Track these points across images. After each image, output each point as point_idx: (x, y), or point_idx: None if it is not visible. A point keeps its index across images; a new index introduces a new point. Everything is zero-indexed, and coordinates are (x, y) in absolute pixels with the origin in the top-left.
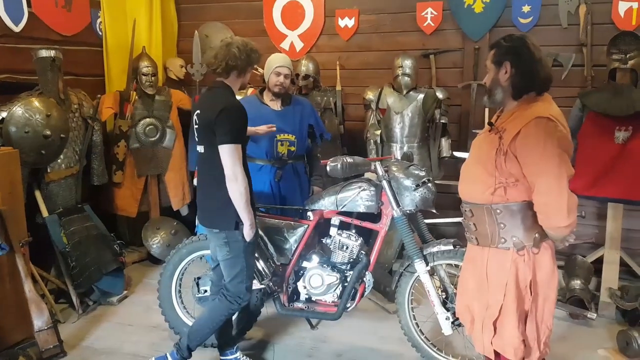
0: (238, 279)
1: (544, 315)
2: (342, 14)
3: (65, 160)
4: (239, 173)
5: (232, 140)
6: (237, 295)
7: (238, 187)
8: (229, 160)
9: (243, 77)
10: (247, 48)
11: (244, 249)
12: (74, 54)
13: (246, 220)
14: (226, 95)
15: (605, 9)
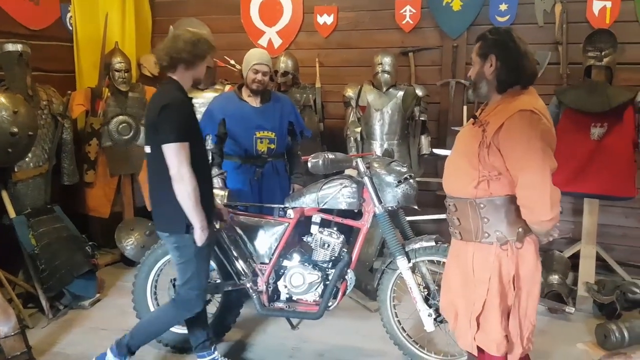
0: (188, 285)
1: (527, 311)
2: (321, 10)
3: (34, 159)
4: (185, 173)
5: (176, 139)
6: (187, 301)
7: (185, 187)
8: (174, 160)
9: (193, 70)
10: (193, 40)
11: (195, 254)
12: (42, 49)
13: (196, 223)
14: (170, 91)
15: (580, 7)
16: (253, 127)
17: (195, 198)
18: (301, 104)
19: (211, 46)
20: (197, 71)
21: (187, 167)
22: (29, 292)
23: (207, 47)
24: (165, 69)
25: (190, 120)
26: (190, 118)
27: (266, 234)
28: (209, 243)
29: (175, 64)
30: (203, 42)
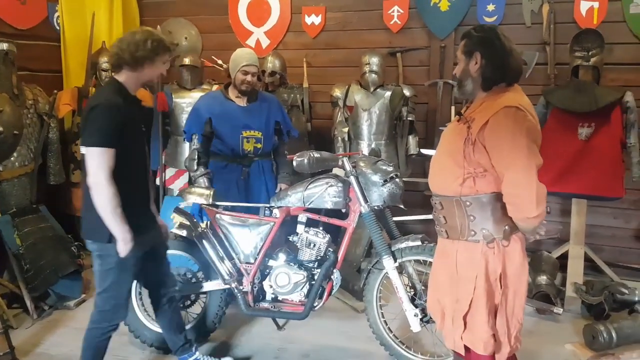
0: (107, 294)
1: (514, 309)
2: (309, 11)
3: (19, 158)
4: (102, 181)
5: (97, 143)
6: (105, 312)
7: (99, 196)
8: (92, 166)
9: (139, 72)
10: (139, 40)
11: (116, 265)
12: (29, 48)
13: (116, 235)
14: (105, 93)
15: (567, 8)
16: (239, 127)
17: (112, 208)
18: (289, 104)
19: (165, 48)
20: (145, 74)
21: (105, 174)
22: (14, 293)
23: (155, 50)
24: (112, 67)
25: (121, 126)
26: (122, 123)
27: (252, 233)
28: (135, 256)
29: (119, 64)
30: (152, 43)
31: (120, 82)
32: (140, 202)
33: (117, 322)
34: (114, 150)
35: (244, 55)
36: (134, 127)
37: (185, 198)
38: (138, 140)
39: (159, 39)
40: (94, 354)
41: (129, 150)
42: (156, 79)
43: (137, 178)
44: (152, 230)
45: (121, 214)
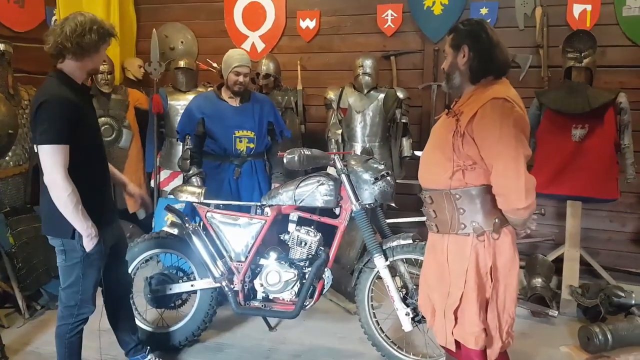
0: (72, 289)
1: (506, 303)
2: (304, 15)
3: (14, 157)
4: (59, 179)
5: (50, 140)
6: (71, 307)
7: (58, 195)
8: (46, 163)
9: (84, 61)
10: (81, 27)
11: (82, 259)
12: (26, 50)
13: (82, 231)
14: (51, 86)
15: (560, 11)
16: (232, 126)
17: (74, 206)
18: (283, 106)
19: (107, 33)
20: (89, 62)
21: (61, 172)
22: (6, 292)
23: (101, 36)
24: (52, 57)
25: (73, 121)
26: (74, 118)
27: (243, 231)
28: (100, 250)
29: (62, 53)
30: (95, 29)
31: (66, 72)
32: (102, 195)
33: (84, 316)
34: (68, 146)
35: (235, 57)
36: (87, 118)
37: (177, 196)
38: (92, 130)
39: (102, 24)
40: (68, 352)
41: (84, 143)
42: (99, 66)
43: (96, 171)
44: (115, 223)
45: (83, 210)
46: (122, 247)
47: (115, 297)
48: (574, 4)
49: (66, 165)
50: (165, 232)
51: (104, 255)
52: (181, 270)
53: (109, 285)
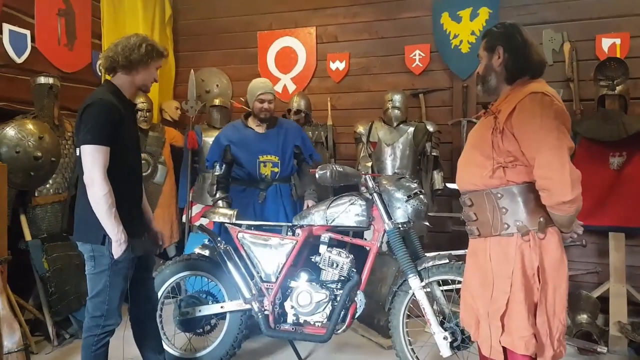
0: (98, 298)
1: (556, 308)
2: (334, 57)
3: (54, 185)
4: (98, 177)
5: (92, 140)
6: (97, 317)
7: (95, 192)
8: (87, 162)
9: (133, 76)
10: (132, 44)
11: (110, 267)
12: (72, 90)
13: (111, 234)
14: (100, 93)
15: (589, 45)
16: (256, 152)
17: (107, 205)
18: (313, 141)
19: (158, 53)
20: (138, 78)
21: (101, 171)
22: (37, 320)
23: (149, 53)
24: (106, 71)
25: (116, 125)
26: (117, 122)
27: (274, 252)
28: (127, 258)
29: (113, 67)
30: (145, 46)
31: (116, 85)
32: (134, 204)
33: (110, 328)
34: (109, 148)
35: (259, 85)
36: (129, 128)
37: (210, 217)
38: (133, 142)
39: (153, 43)
40: None
41: (124, 151)
42: (149, 84)
43: (131, 180)
44: (144, 236)
45: (116, 214)
46: (150, 262)
47: (141, 313)
48: (602, 38)
49: (106, 166)
50: (196, 253)
51: (132, 265)
52: (210, 295)
53: (136, 300)
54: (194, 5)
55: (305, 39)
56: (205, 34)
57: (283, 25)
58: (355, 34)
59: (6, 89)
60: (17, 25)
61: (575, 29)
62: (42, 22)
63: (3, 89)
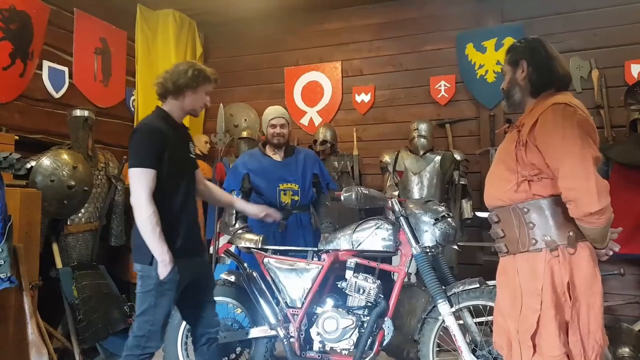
0: (144, 317)
1: (590, 327)
2: (359, 90)
3: (86, 214)
4: (143, 199)
5: (138, 164)
6: (140, 337)
7: (140, 214)
8: (133, 185)
9: (181, 100)
10: (180, 70)
11: (155, 287)
12: (106, 125)
13: (157, 256)
14: (147, 118)
15: (617, 72)
16: (276, 180)
17: (152, 226)
18: (339, 171)
19: (205, 77)
20: (187, 102)
21: (146, 193)
22: (65, 348)
23: (196, 78)
24: (158, 98)
25: (160, 148)
26: (162, 146)
27: (299, 277)
28: (173, 279)
29: (164, 93)
30: (194, 72)
31: (165, 110)
32: (184, 226)
33: (150, 350)
34: (154, 171)
35: (270, 111)
36: (179, 151)
37: (236, 242)
38: (184, 165)
39: (201, 68)
40: None
41: (172, 173)
42: (200, 109)
43: (182, 201)
44: (197, 258)
45: (160, 234)
46: (208, 285)
47: (198, 337)
48: (631, 64)
49: (151, 189)
50: (222, 279)
51: (178, 287)
52: (236, 322)
53: (193, 323)
54: (224, 44)
55: (331, 73)
56: (234, 70)
57: (309, 60)
58: (379, 66)
59: (44, 122)
60: (56, 62)
61: (602, 56)
62: (79, 60)
63: (41, 122)
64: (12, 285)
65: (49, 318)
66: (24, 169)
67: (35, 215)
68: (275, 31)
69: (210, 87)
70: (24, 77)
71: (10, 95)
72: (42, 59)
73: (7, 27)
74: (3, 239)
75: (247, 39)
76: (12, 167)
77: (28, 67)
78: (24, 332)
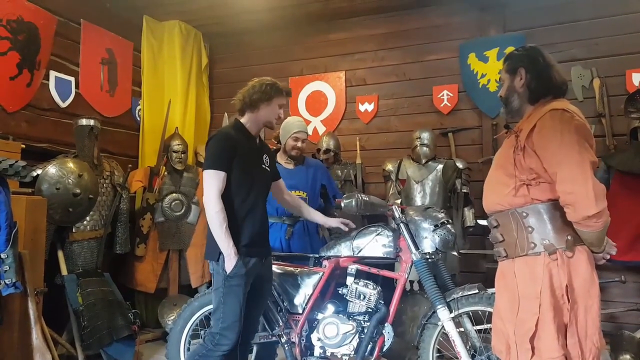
0: (217, 315)
1: (587, 329)
2: (363, 99)
3: (91, 222)
4: (212, 198)
5: (210, 166)
6: (213, 334)
7: (209, 210)
8: (205, 185)
9: (256, 113)
10: (253, 85)
11: (223, 283)
12: (112, 134)
13: (223, 249)
14: (224, 128)
15: (619, 81)
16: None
17: (219, 222)
18: (342, 179)
19: (277, 90)
20: (261, 114)
21: (214, 193)
22: (69, 355)
23: (268, 91)
24: (238, 113)
25: (232, 153)
26: (233, 151)
27: (300, 283)
28: (239, 274)
29: (242, 108)
30: (266, 87)
31: (242, 122)
32: (250, 227)
33: (223, 348)
34: (224, 173)
35: (295, 123)
36: (250, 159)
37: None
38: (255, 172)
39: (272, 83)
40: None
41: (242, 177)
42: (275, 120)
43: (250, 205)
44: (263, 260)
45: (227, 229)
46: (263, 288)
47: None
48: (632, 73)
49: (220, 189)
50: None
51: (245, 284)
52: None
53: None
54: (229, 54)
55: (335, 83)
56: (239, 81)
57: (313, 70)
58: (383, 76)
59: (50, 131)
60: (62, 72)
61: (604, 65)
62: (86, 70)
63: (47, 131)
64: (17, 291)
65: (54, 324)
66: (30, 177)
67: (40, 222)
68: (280, 41)
69: (284, 100)
70: (31, 87)
71: (18, 105)
72: (49, 69)
73: (15, 38)
74: (8, 245)
75: (252, 50)
76: (18, 175)
77: (35, 77)
78: (28, 338)
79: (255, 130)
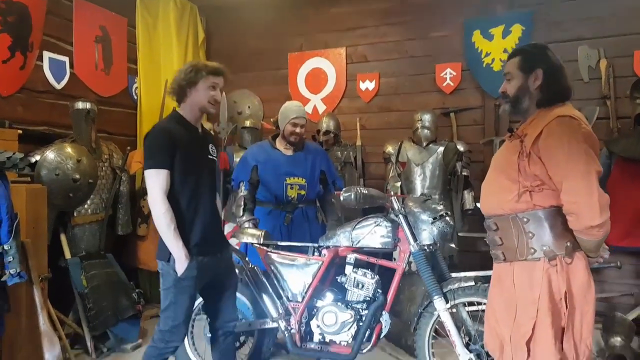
0: (167, 313)
1: (582, 333)
2: (363, 77)
3: (92, 206)
4: (157, 198)
5: (150, 166)
6: (164, 332)
7: (156, 212)
8: (148, 185)
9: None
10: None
11: (174, 284)
12: (109, 113)
13: (173, 252)
14: (161, 121)
15: (626, 62)
16: (283, 174)
17: (167, 223)
18: (342, 161)
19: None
20: (192, 100)
21: (159, 193)
22: (76, 334)
23: (189, 75)
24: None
25: (172, 148)
26: (173, 146)
27: (300, 272)
28: (190, 276)
29: (177, 99)
30: (190, 69)
31: (179, 112)
32: (200, 224)
33: (173, 345)
34: (167, 171)
35: (293, 108)
36: (192, 151)
37: (238, 238)
38: (200, 164)
39: (194, 65)
40: None
41: (188, 172)
42: (209, 104)
43: (197, 201)
44: (218, 256)
45: (175, 230)
46: (226, 282)
47: (214, 330)
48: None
49: (164, 188)
50: None
51: (196, 284)
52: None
53: (211, 317)
54: (226, 28)
55: (335, 60)
56: (237, 56)
57: (313, 46)
58: (385, 53)
59: (47, 113)
60: (56, 52)
61: (611, 45)
62: (80, 49)
63: (44, 114)
64: (22, 280)
65: (60, 305)
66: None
67: (41, 210)
68: (279, 15)
69: (212, 81)
70: (25, 69)
71: (12, 89)
72: (42, 50)
73: (5, 20)
74: (11, 236)
75: (250, 23)
76: (16, 167)
77: (28, 59)
78: (35, 323)
79: (194, 119)
